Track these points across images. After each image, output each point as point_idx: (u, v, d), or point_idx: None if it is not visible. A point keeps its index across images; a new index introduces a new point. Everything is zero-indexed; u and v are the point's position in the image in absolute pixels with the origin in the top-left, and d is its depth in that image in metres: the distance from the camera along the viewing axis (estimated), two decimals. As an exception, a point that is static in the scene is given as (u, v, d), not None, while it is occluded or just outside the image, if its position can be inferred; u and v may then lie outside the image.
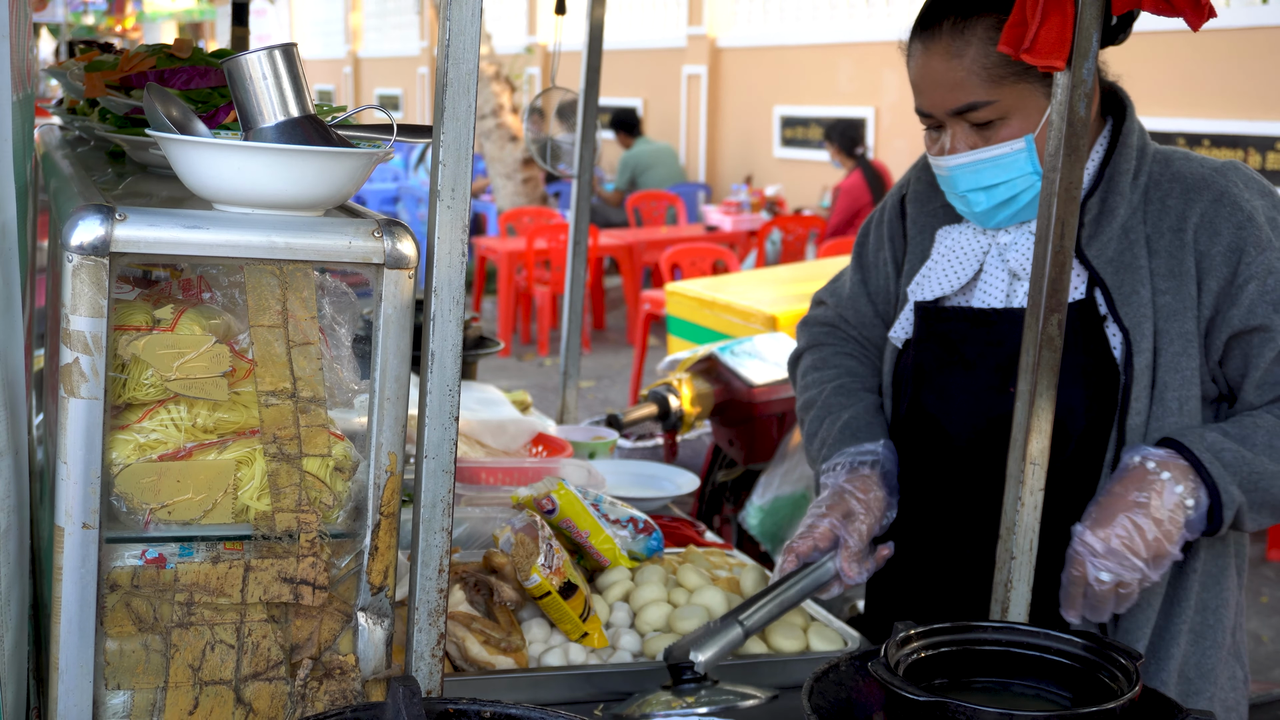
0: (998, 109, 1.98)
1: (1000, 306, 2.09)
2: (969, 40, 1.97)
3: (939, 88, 2.01)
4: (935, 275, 2.16)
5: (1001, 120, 1.99)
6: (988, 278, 2.11)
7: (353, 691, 1.50)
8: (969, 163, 2.01)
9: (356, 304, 1.62)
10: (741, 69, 14.79)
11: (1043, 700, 1.55)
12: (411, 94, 21.63)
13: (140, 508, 1.43)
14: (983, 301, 2.11)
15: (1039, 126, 1.98)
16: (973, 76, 1.98)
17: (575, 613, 2.02)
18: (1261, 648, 5.47)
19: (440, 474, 1.43)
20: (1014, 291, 2.08)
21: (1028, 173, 2.00)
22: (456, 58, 1.36)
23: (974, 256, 2.12)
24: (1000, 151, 1.99)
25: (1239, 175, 2.01)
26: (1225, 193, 1.97)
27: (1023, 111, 1.98)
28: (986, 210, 2.05)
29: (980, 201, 2.04)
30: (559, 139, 3.54)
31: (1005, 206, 2.04)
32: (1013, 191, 2.02)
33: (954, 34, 1.98)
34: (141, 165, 1.88)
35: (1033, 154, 1.99)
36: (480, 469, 2.66)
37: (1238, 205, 1.97)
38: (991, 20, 1.96)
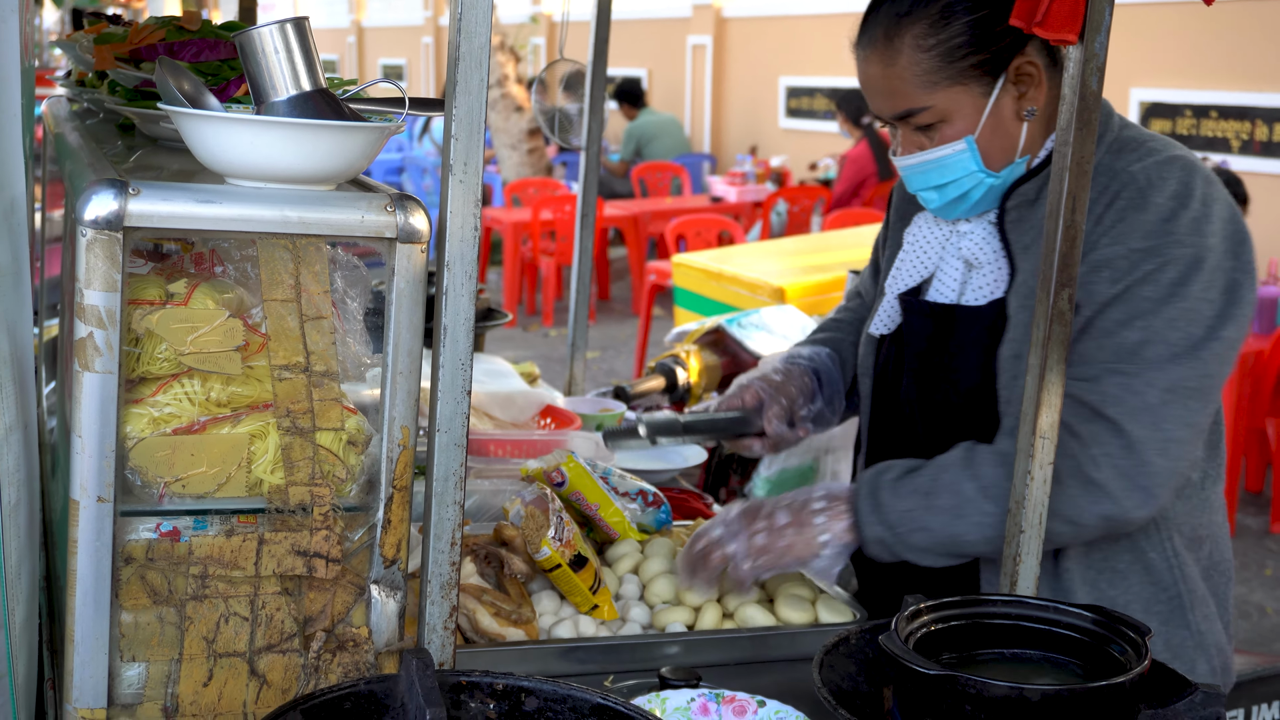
0: (934, 113, 2.01)
1: (950, 302, 2.12)
2: (899, 49, 2.00)
3: (879, 94, 2.06)
4: (905, 267, 2.20)
5: (943, 122, 2.02)
6: (944, 271, 2.14)
7: (366, 663, 1.51)
8: (916, 164, 2.06)
9: (368, 277, 1.62)
10: (746, 39, 14.73)
11: (1052, 673, 1.56)
12: (415, 63, 21.57)
13: (154, 481, 1.44)
14: (938, 295, 2.14)
15: (978, 127, 2.01)
16: (906, 84, 2.01)
17: (585, 585, 2.03)
18: (1266, 620, 5.49)
19: (452, 448, 1.43)
20: (968, 282, 2.11)
21: (972, 171, 2.03)
22: (469, 31, 1.36)
23: (935, 247, 2.16)
24: (943, 153, 2.03)
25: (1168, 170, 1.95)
26: (1133, 184, 1.95)
27: (960, 114, 2.01)
28: (941, 207, 2.09)
29: (933, 199, 2.09)
30: (566, 109, 3.53)
31: (958, 203, 2.07)
32: (961, 190, 2.05)
33: (886, 42, 2.02)
34: (151, 138, 1.88)
35: (974, 154, 2.02)
36: (489, 441, 2.66)
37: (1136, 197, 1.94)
38: (920, 27, 1.98)
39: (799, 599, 2.11)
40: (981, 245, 2.08)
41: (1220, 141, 9.43)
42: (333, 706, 1.33)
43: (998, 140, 2.02)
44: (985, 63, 1.98)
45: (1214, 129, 9.51)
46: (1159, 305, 1.89)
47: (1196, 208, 1.92)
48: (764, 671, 1.98)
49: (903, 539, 1.98)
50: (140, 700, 1.45)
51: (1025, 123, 2.01)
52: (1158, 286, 1.89)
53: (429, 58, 21.17)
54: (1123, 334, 1.89)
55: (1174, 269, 1.89)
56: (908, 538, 1.97)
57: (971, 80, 1.99)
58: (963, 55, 1.97)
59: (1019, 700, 1.40)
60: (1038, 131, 2.04)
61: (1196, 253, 1.90)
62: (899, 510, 1.97)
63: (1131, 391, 1.87)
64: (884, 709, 1.55)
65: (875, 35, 2.03)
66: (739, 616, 2.07)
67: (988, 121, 2.00)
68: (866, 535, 2.00)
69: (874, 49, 2.04)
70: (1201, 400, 1.90)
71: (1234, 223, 1.96)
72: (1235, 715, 3.09)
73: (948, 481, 1.96)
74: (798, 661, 1.98)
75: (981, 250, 2.08)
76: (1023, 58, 1.98)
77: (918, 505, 1.97)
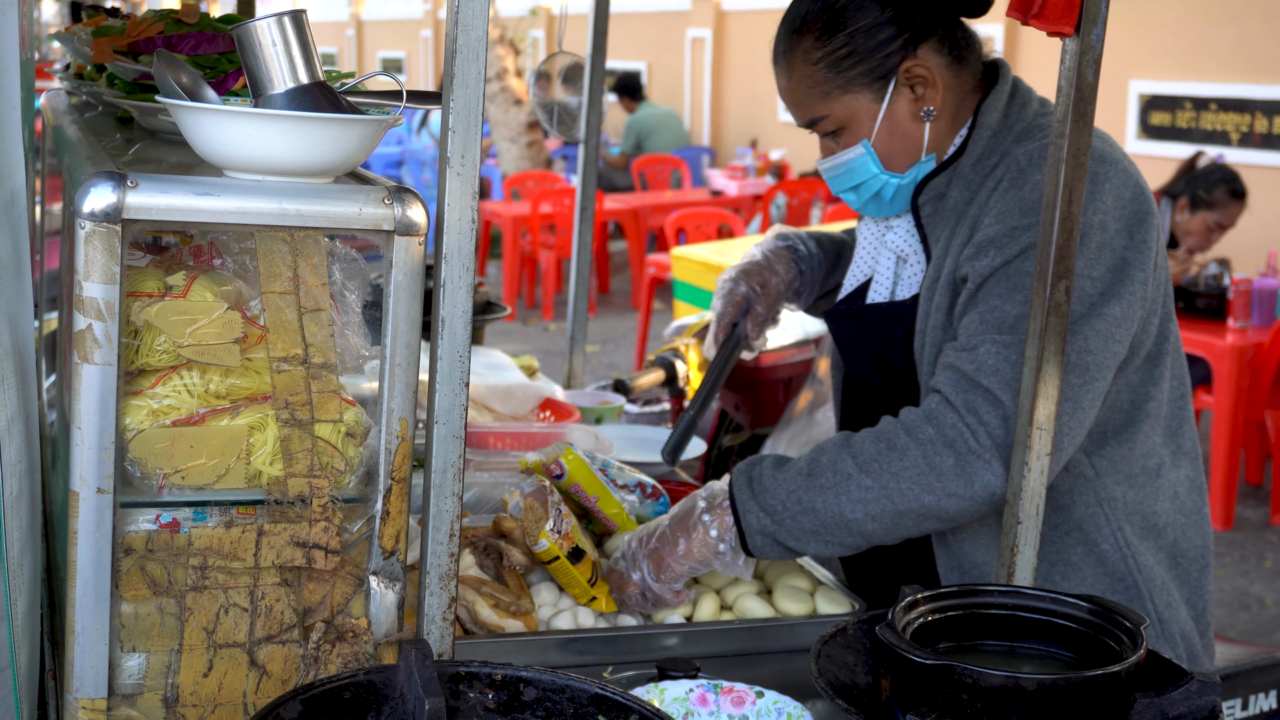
0: (833, 121, 2.09)
1: (884, 300, 2.16)
2: (793, 63, 2.10)
3: (790, 106, 2.15)
4: (855, 268, 2.26)
5: (843, 129, 2.09)
6: (879, 268, 2.19)
7: (365, 654, 1.51)
8: (830, 168, 2.14)
9: (366, 269, 1.63)
10: (746, 32, 14.72)
11: (1049, 662, 1.57)
12: (415, 57, 21.55)
13: (154, 473, 1.44)
14: (874, 295, 2.19)
15: (874, 131, 2.07)
16: (804, 95, 2.10)
17: (584, 577, 2.03)
18: (1266, 611, 5.49)
19: (451, 439, 1.44)
20: (900, 276, 2.15)
21: (875, 174, 2.09)
22: (466, 24, 1.36)
23: (873, 244, 2.22)
24: (846, 157, 2.10)
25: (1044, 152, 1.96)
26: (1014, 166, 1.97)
27: (855, 119, 2.08)
28: (861, 206, 2.16)
29: (853, 200, 2.16)
30: (565, 103, 3.53)
31: (874, 202, 2.14)
32: (872, 190, 2.11)
33: (784, 57, 2.12)
34: (150, 131, 1.89)
35: (872, 157, 2.08)
36: (488, 434, 2.67)
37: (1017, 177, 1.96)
38: (808, 41, 2.06)
39: (797, 590, 2.12)
40: (906, 238, 2.14)
41: (1220, 134, 9.43)
42: (332, 696, 1.34)
43: (897, 142, 2.07)
44: (873, 70, 2.04)
45: (1213, 121, 9.50)
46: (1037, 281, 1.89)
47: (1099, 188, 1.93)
48: (762, 662, 1.99)
49: (785, 524, 1.95)
50: (140, 691, 1.45)
51: (926, 123, 2.06)
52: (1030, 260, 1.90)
53: (428, 51, 21.15)
54: (1003, 307, 1.91)
55: None
56: (791, 522, 1.95)
57: (861, 88, 2.05)
58: (849, 65, 2.04)
59: (1015, 689, 1.40)
60: (944, 128, 2.08)
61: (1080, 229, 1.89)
62: (780, 495, 1.96)
63: (1007, 361, 1.87)
64: (881, 699, 1.55)
65: (777, 51, 2.14)
66: (737, 608, 2.08)
67: (883, 125, 2.06)
68: (748, 524, 1.98)
69: (777, 64, 2.14)
70: (1081, 376, 1.89)
71: (1135, 202, 1.96)
72: (1233, 705, 3.10)
73: (826, 462, 1.95)
74: (795, 652, 1.98)
75: (907, 243, 2.14)
76: (912, 60, 2.03)
77: (799, 486, 1.95)
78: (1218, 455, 6.21)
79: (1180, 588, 2.11)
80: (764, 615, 2.07)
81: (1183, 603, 2.10)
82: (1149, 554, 2.07)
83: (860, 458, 1.92)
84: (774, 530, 1.97)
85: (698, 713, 1.71)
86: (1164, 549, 2.10)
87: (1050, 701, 1.41)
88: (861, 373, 2.23)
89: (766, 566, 2.20)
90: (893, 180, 2.09)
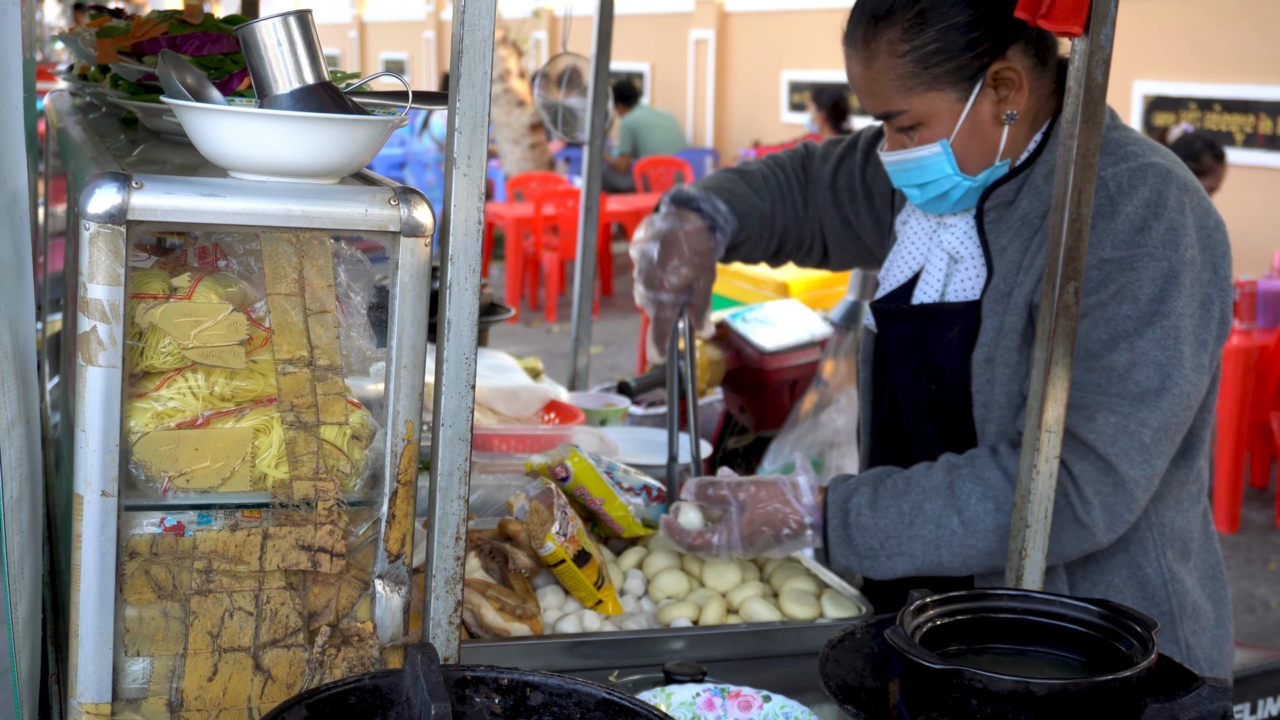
0: (911, 117, 2.02)
1: (933, 300, 2.12)
2: (875, 52, 2.02)
3: (862, 94, 2.08)
4: (898, 263, 2.21)
5: (921, 125, 2.03)
6: (930, 266, 2.14)
7: (370, 658, 1.50)
8: (897, 162, 2.07)
9: (371, 271, 1.62)
10: (749, 33, 14.71)
11: (1058, 667, 1.56)
12: (417, 58, 21.55)
13: (158, 476, 1.43)
14: (922, 295, 2.14)
15: (954, 131, 2.01)
16: (884, 87, 2.02)
17: (590, 580, 2.02)
18: (1271, 614, 5.48)
19: (457, 442, 1.43)
20: (951, 277, 2.11)
21: (948, 174, 2.03)
22: (472, 24, 1.35)
23: (923, 240, 2.17)
24: (921, 154, 2.04)
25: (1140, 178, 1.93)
26: (1103, 189, 1.94)
27: (936, 118, 2.02)
28: (924, 203, 2.11)
29: (915, 196, 2.10)
30: (569, 104, 3.52)
31: (939, 201, 2.08)
32: (940, 190, 2.06)
33: (864, 44, 2.03)
34: (154, 132, 1.88)
35: (949, 157, 2.02)
36: (493, 436, 2.66)
37: (1105, 205, 1.93)
38: (895, 32, 1.99)
39: (804, 594, 2.11)
40: (964, 240, 2.09)
41: (1224, 135, 9.41)
42: (337, 701, 1.33)
43: (975, 144, 2.02)
44: (960, 69, 1.98)
45: (1217, 122, 9.49)
46: (1141, 326, 1.87)
47: (1171, 217, 1.90)
48: (769, 666, 1.98)
49: (877, 562, 1.98)
50: (145, 695, 1.44)
51: (1006, 126, 2.01)
52: (1137, 304, 1.88)
53: (430, 53, 21.15)
54: (1109, 356, 1.88)
55: (1150, 285, 1.88)
56: (884, 562, 1.98)
57: (947, 86, 1.99)
58: (937, 62, 1.98)
59: (1025, 694, 1.39)
60: (1020, 134, 2.03)
61: (1171, 266, 1.88)
62: (876, 538, 1.97)
63: (1126, 432, 1.88)
64: (890, 704, 1.54)
65: (855, 35, 2.05)
66: (744, 612, 2.07)
67: (964, 126, 2.01)
68: (835, 560, 2.01)
69: (854, 49, 2.05)
70: (1182, 429, 1.93)
71: (1214, 233, 1.94)
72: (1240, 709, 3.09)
73: (930, 513, 1.95)
74: (803, 656, 1.97)
75: (964, 245, 2.09)
76: (1002, 63, 1.98)
77: (898, 533, 1.96)
78: (1223, 458, 6.20)
79: (1216, 607, 2.12)
80: (771, 619, 2.06)
81: (1213, 622, 2.10)
82: (1186, 578, 2.07)
83: (965, 514, 1.93)
84: (859, 567, 2.00)
85: (705, 717, 1.70)
86: (1197, 570, 2.11)
87: (1060, 706, 1.40)
88: (904, 373, 2.17)
89: (773, 570, 2.19)
90: (965, 182, 2.03)
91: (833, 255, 2.49)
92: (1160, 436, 1.88)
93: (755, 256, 2.46)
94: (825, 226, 2.44)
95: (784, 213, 2.42)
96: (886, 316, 2.19)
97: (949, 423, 2.08)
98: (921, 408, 2.14)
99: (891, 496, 1.97)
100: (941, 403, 2.09)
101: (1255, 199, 6.68)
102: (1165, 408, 1.87)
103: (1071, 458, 1.89)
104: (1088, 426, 1.88)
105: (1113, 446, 1.87)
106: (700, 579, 2.15)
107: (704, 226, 2.31)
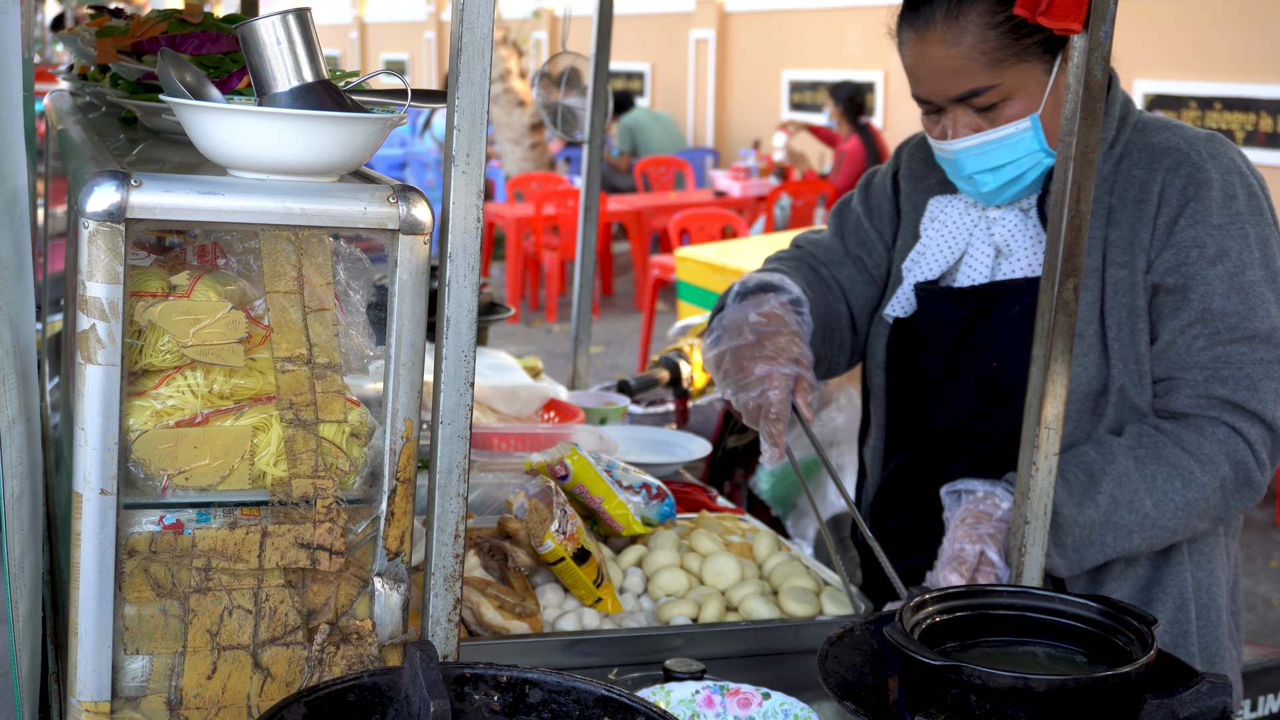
0: (1000, 91, 1.97)
1: (984, 281, 2.10)
2: (965, 27, 1.95)
3: (938, 75, 2.00)
4: (930, 254, 2.16)
5: (1005, 101, 1.98)
6: (973, 255, 2.12)
7: (370, 656, 1.50)
8: (975, 145, 2.01)
9: (370, 270, 1.62)
10: (749, 33, 14.71)
11: (1058, 664, 1.56)
12: (418, 59, 21.55)
13: (157, 474, 1.44)
14: (967, 279, 2.12)
15: (1041, 104, 1.98)
16: (972, 63, 1.96)
17: (589, 578, 2.02)
18: (1272, 611, 5.48)
19: (456, 440, 1.43)
20: (998, 266, 2.09)
21: (1034, 150, 2.00)
22: (471, 22, 1.35)
23: (963, 232, 2.13)
24: (1007, 132, 1.99)
25: (1212, 147, 1.99)
26: (1186, 160, 1.96)
27: (1025, 91, 1.97)
28: (993, 190, 2.05)
29: (987, 182, 2.04)
30: (569, 104, 3.53)
31: (1011, 185, 2.04)
32: (1019, 170, 2.02)
33: (948, 21, 1.96)
34: (154, 131, 1.88)
35: (1039, 132, 1.99)
36: (493, 435, 2.66)
37: (1195, 173, 1.95)
38: (986, 3, 1.94)
39: (803, 591, 2.11)
40: (1014, 232, 2.07)
41: (1225, 133, 9.40)
42: (336, 699, 1.33)
43: (1056, 119, 1.98)
44: (1049, 38, 1.95)
45: (1218, 121, 9.49)
46: (1267, 288, 1.94)
47: (1248, 182, 1.98)
48: (769, 664, 1.98)
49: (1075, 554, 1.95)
50: (144, 693, 1.44)
51: None
52: (1255, 269, 1.93)
53: (431, 53, 21.15)
54: (1251, 325, 1.92)
55: (1257, 248, 1.94)
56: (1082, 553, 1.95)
57: (1035, 58, 1.96)
58: (1028, 31, 1.94)
59: (1025, 691, 1.39)
60: None
61: (1260, 230, 1.96)
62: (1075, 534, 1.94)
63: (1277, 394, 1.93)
64: (889, 700, 1.54)
65: (934, 16, 1.98)
66: (743, 609, 2.07)
67: (1049, 99, 1.98)
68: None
69: (933, 29, 1.98)
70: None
71: (1265, 196, 2.02)
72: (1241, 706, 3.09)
73: (1123, 499, 1.93)
74: (802, 654, 1.98)
75: (1014, 237, 2.07)
76: None
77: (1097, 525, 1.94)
78: (1223, 456, 6.19)
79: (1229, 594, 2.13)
80: (770, 616, 2.06)
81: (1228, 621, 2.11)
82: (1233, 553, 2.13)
83: (1156, 495, 1.93)
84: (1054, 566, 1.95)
85: (704, 714, 1.70)
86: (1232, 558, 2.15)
87: (1060, 703, 1.40)
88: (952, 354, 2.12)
89: (773, 568, 2.19)
90: (1048, 159, 2.00)
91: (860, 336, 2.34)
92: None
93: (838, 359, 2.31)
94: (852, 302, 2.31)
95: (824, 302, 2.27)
96: (938, 298, 2.13)
97: (1003, 402, 2.06)
98: (971, 388, 2.10)
99: (1084, 489, 1.93)
100: (1004, 380, 2.06)
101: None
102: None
103: (1244, 424, 1.93)
104: (1253, 396, 1.92)
105: (1274, 405, 1.93)
106: (700, 577, 2.15)
107: (788, 301, 2.15)
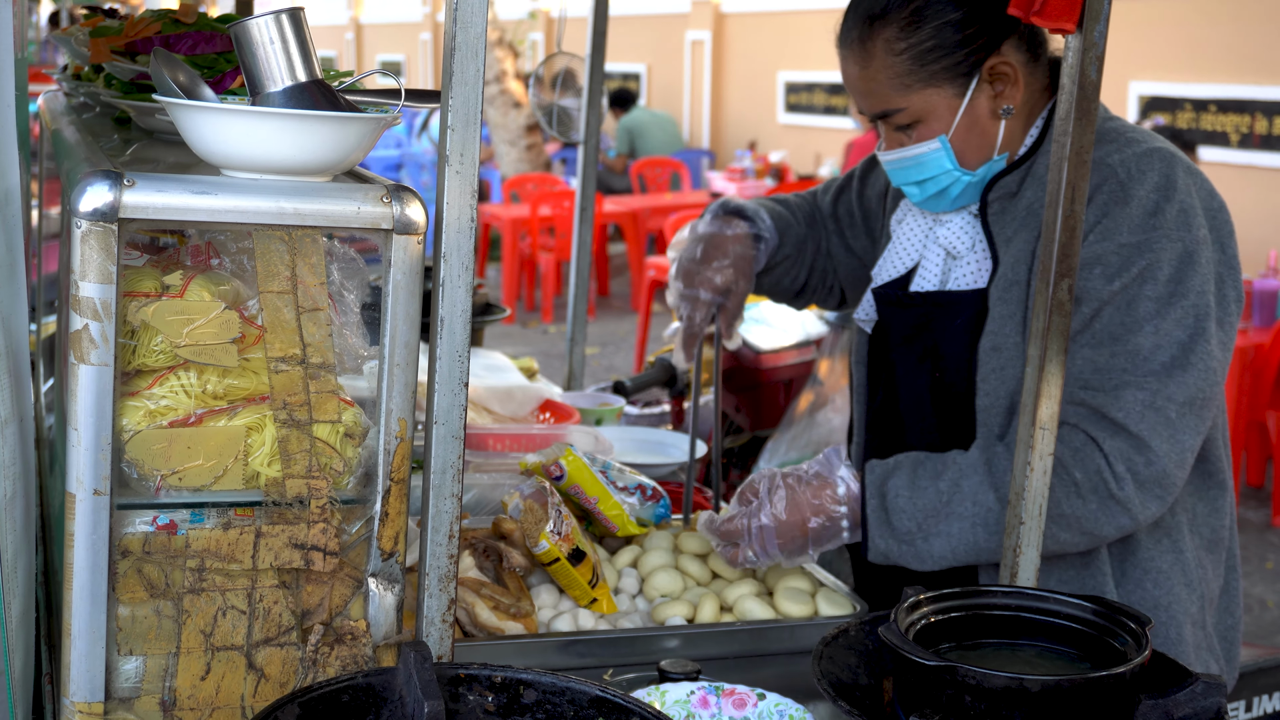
0: (909, 114, 2.03)
1: (933, 289, 2.12)
2: (872, 52, 2.02)
3: (857, 94, 2.09)
4: (890, 259, 2.21)
5: (919, 122, 2.03)
6: (926, 261, 2.15)
7: (364, 657, 1.50)
8: (895, 160, 2.08)
9: (364, 270, 1.62)
10: (745, 34, 14.71)
11: (1052, 663, 1.56)
12: (414, 60, 21.55)
13: (151, 474, 1.43)
14: (920, 285, 2.15)
15: (952, 127, 2.02)
16: (880, 86, 2.03)
17: (584, 579, 2.02)
18: (1268, 613, 5.49)
19: (450, 440, 1.42)
20: (949, 271, 2.12)
21: (948, 169, 2.04)
22: (465, 21, 1.35)
23: (919, 238, 2.17)
24: (919, 151, 2.04)
25: (1146, 164, 1.95)
26: (1113, 177, 1.95)
27: (934, 115, 2.02)
28: (923, 201, 2.11)
29: (915, 194, 2.10)
30: (564, 105, 3.53)
31: (939, 198, 2.08)
32: (940, 186, 2.06)
33: (860, 44, 2.04)
34: (148, 131, 1.88)
35: (949, 153, 2.03)
36: (488, 435, 2.66)
37: (1117, 191, 1.94)
38: (891, 31, 2.00)
39: (798, 592, 2.11)
40: (960, 236, 2.10)
41: (1219, 135, 9.42)
42: (331, 699, 1.33)
43: (973, 139, 2.03)
44: (957, 65, 1.99)
45: (1213, 122, 9.50)
46: (1163, 306, 1.89)
47: (1181, 199, 1.93)
48: (764, 664, 1.97)
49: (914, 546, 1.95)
50: (138, 694, 1.44)
51: (1002, 121, 2.03)
52: (1156, 285, 1.89)
53: (427, 54, 21.15)
54: (1133, 340, 1.90)
55: (1168, 266, 1.90)
56: (920, 544, 1.95)
57: (944, 82, 2.01)
58: (934, 59, 1.99)
59: (1019, 691, 1.39)
60: (1017, 127, 2.05)
61: (1186, 247, 1.91)
62: (915, 518, 1.95)
63: (1153, 408, 1.89)
64: (884, 701, 1.54)
65: (851, 36, 2.06)
66: (738, 610, 2.07)
67: (962, 121, 2.02)
68: (874, 546, 1.98)
69: (850, 49, 2.06)
70: (1209, 406, 1.93)
71: (1219, 214, 1.97)
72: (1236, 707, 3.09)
73: (967, 490, 1.94)
74: (797, 654, 1.97)
75: (960, 240, 2.10)
76: (997, 58, 1.99)
77: (936, 512, 1.94)
78: (1219, 457, 6.20)
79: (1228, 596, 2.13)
80: (765, 617, 2.06)
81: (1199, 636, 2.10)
82: (1210, 568, 2.09)
83: (1002, 490, 1.92)
84: (898, 555, 1.97)
85: (699, 715, 1.70)
86: (1222, 563, 2.12)
87: (1054, 703, 1.40)
88: (907, 359, 2.17)
89: (768, 569, 2.19)
90: (964, 177, 2.04)
91: (848, 292, 2.49)
92: (1186, 411, 1.89)
93: (784, 285, 2.45)
94: (835, 258, 2.45)
95: (813, 242, 2.44)
96: (891, 303, 2.19)
97: (951, 411, 2.08)
98: (924, 395, 2.13)
99: (929, 476, 1.96)
100: (948, 388, 2.09)
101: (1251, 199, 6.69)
102: (1190, 383, 1.89)
103: (1102, 435, 1.90)
104: (1115, 405, 1.89)
105: (1141, 422, 1.88)
106: (695, 577, 2.15)
107: (749, 234, 2.33)
